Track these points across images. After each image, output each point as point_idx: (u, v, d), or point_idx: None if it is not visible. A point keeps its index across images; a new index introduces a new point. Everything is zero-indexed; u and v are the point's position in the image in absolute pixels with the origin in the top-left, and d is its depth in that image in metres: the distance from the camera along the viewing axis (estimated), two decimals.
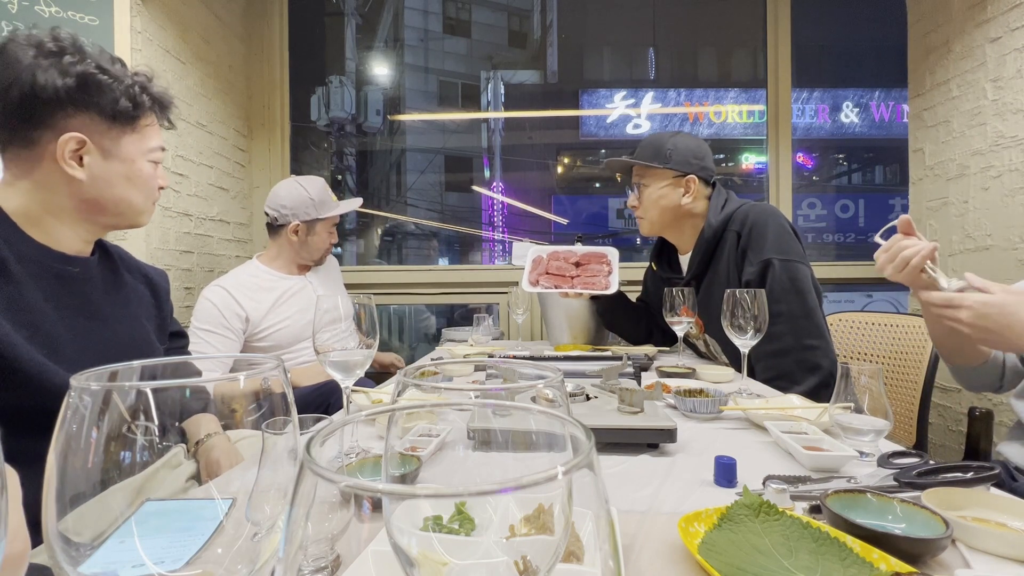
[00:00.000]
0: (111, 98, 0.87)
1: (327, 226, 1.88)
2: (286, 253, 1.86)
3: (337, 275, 2.11)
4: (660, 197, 1.55)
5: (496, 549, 0.24)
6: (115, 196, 0.92)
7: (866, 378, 0.76)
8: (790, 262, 1.34)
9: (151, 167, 0.95)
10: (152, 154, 0.95)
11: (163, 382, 0.26)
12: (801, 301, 1.32)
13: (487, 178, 3.72)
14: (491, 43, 4.93)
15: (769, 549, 0.46)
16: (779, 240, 1.37)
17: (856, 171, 4.08)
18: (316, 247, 1.87)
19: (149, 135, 0.95)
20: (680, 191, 1.54)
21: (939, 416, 2.15)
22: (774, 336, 1.27)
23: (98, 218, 0.93)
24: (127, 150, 0.91)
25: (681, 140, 1.56)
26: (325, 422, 0.47)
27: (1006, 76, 1.86)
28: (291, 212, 1.81)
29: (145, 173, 0.94)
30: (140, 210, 0.96)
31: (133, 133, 0.92)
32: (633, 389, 0.86)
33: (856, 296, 2.91)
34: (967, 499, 0.54)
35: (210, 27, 2.31)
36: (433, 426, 0.31)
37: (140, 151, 0.93)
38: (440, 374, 1.07)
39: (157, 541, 0.28)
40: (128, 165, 0.92)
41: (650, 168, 1.55)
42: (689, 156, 1.54)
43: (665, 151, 1.54)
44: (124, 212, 0.94)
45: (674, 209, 1.55)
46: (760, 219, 1.41)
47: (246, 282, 1.77)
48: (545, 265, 1.78)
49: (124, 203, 0.93)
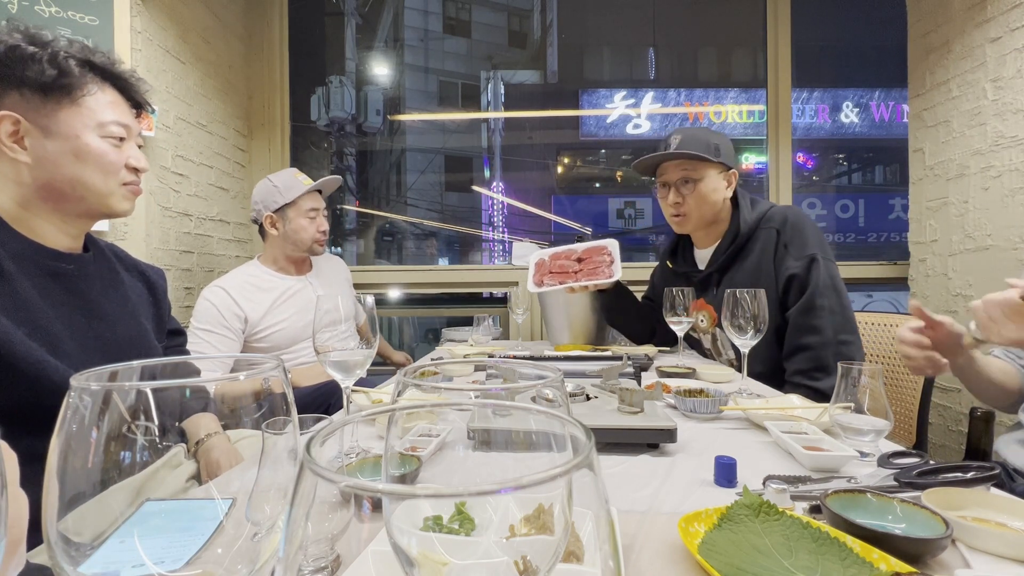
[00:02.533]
0: (37, 69, 0.81)
1: (300, 212, 1.82)
2: (276, 250, 1.86)
3: (342, 276, 2.10)
4: (714, 190, 1.55)
5: (496, 549, 0.24)
6: (66, 177, 0.86)
7: (866, 378, 0.76)
8: (829, 261, 1.41)
9: (106, 144, 0.89)
10: (104, 128, 0.88)
11: (163, 382, 0.26)
12: (839, 298, 1.38)
13: (487, 178, 3.72)
14: (491, 43, 4.93)
15: (769, 549, 0.46)
16: (819, 239, 1.44)
17: (856, 171, 4.08)
18: (297, 236, 1.82)
19: (95, 107, 0.87)
20: (724, 184, 1.56)
21: (939, 416, 2.15)
22: (816, 329, 1.35)
23: (64, 206, 0.88)
24: (67, 125, 0.85)
25: (720, 135, 1.58)
26: (325, 422, 0.47)
27: (1006, 76, 1.86)
28: (262, 205, 1.82)
29: (95, 149, 0.87)
30: (102, 192, 0.90)
31: (73, 106, 0.85)
32: (633, 389, 0.86)
33: (856, 296, 2.91)
34: (967, 499, 0.54)
35: (210, 27, 2.31)
36: (433, 426, 0.31)
37: (85, 125, 0.86)
38: (440, 374, 1.07)
39: (157, 541, 0.28)
40: (72, 141, 0.85)
41: (704, 161, 1.53)
42: (730, 151, 1.57)
43: (713, 144, 1.54)
44: (84, 196, 0.88)
45: (719, 203, 1.57)
46: (799, 218, 1.48)
47: (245, 282, 1.77)
48: (548, 266, 1.79)
49: (80, 185, 0.87)
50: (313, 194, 1.86)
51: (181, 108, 2.08)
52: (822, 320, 1.35)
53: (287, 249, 1.85)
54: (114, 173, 0.90)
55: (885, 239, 3.69)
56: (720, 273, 1.59)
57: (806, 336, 1.36)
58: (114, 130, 0.90)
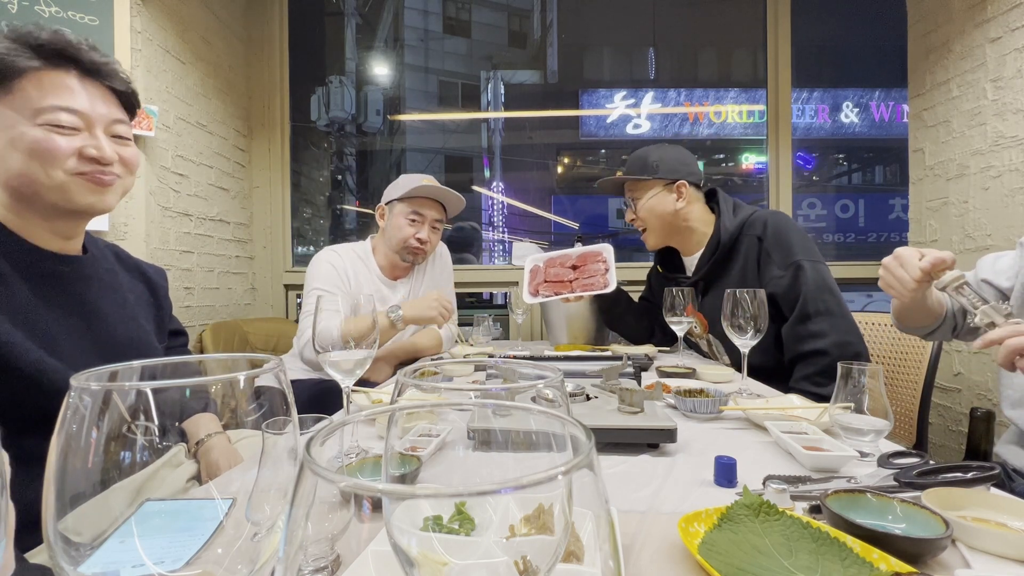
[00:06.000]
0: None
1: (404, 211, 1.74)
2: (380, 242, 1.82)
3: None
4: (654, 205, 1.61)
5: (496, 549, 0.24)
6: (13, 172, 0.80)
7: (866, 378, 0.76)
8: (817, 263, 1.39)
9: (44, 131, 0.80)
10: (41, 115, 0.80)
11: (163, 382, 0.26)
12: (836, 299, 1.37)
13: (487, 178, 3.72)
14: (491, 43, 4.93)
15: (769, 549, 0.46)
16: (803, 243, 1.43)
17: (856, 171, 4.08)
18: (391, 233, 1.76)
19: (32, 94, 0.80)
20: (672, 197, 1.59)
21: (939, 416, 2.15)
22: (818, 334, 1.33)
23: (34, 204, 0.83)
24: (2, 116, 0.79)
25: (666, 151, 1.63)
26: (325, 422, 0.47)
27: (1006, 76, 1.86)
28: (384, 195, 1.83)
29: (28, 138, 0.79)
30: (50, 185, 0.81)
31: (7, 95, 0.79)
32: (633, 389, 0.86)
33: (856, 296, 2.91)
34: (967, 499, 0.54)
35: (210, 27, 2.31)
36: (433, 426, 0.31)
37: (22, 114, 0.79)
38: (440, 374, 1.07)
39: (157, 541, 0.28)
40: (8, 132, 0.79)
41: (640, 181, 1.62)
42: (675, 164, 1.61)
43: (651, 163, 1.61)
44: (38, 190, 0.81)
45: (671, 215, 1.60)
46: (781, 223, 1.47)
47: (353, 253, 1.78)
48: (543, 273, 1.79)
49: (25, 179, 0.81)
50: (426, 200, 1.76)
51: (181, 108, 2.08)
52: (820, 324, 1.34)
53: (385, 244, 1.80)
54: (55, 163, 0.81)
55: (885, 239, 3.69)
56: (707, 281, 1.60)
57: (807, 343, 1.34)
58: (58, 117, 0.80)
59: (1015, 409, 1.06)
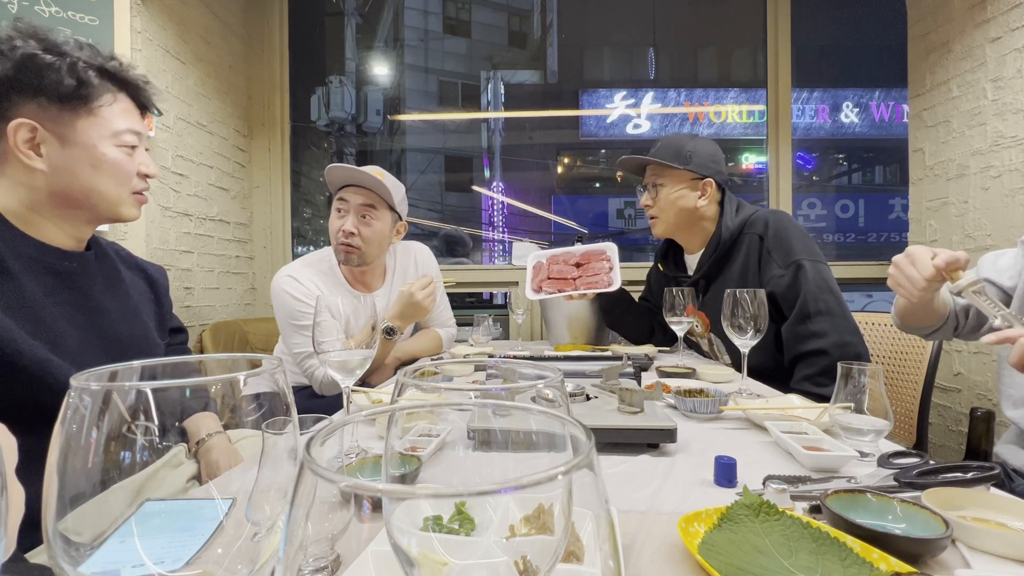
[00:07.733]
0: (54, 79, 0.82)
1: (334, 204, 1.59)
2: None
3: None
4: (678, 198, 1.57)
5: (496, 549, 0.24)
6: (82, 186, 0.87)
7: (866, 378, 0.76)
8: (818, 263, 1.39)
9: (121, 153, 0.90)
10: (120, 138, 0.89)
11: (163, 382, 0.26)
12: (836, 299, 1.36)
13: (487, 178, 3.72)
14: (491, 43, 4.94)
15: (769, 549, 0.46)
16: (804, 242, 1.42)
17: (856, 171, 4.08)
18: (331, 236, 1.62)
19: (110, 116, 0.88)
20: (696, 194, 1.56)
21: (939, 416, 2.15)
22: (819, 334, 1.33)
23: (74, 212, 0.89)
24: (85, 135, 0.86)
25: (701, 143, 1.58)
26: (325, 422, 0.47)
27: (1006, 76, 1.86)
28: None
29: (111, 159, 0.88)
30: (115, 200, 0.91)
31: (89, 116, 0.86)
32: (633, 389, 0.86)
33: (856, 296, 2.91)
34: (967, 499, 0.54)
35: (210, 27, 2.31)
36: (433, 426, 0.31)
37: (101, 135, 0.87)
38: (440, 374, 1.07)
39: (157, 541, 0.28)
40: (89, 151, 0.86)
41: (670, 168, 1.56)
42: (708, 160, 1.56)
43: (685, 152, 1.55)
44: (97, 204, 0.89)
45: (690, 211, 1.57)
46: (782, 223, 1.46)
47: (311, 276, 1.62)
48: (546, 270, 1.78)
49: (94, 193, 0.88)
50: (347, 187, 1.57)
51: (181, 108, 2.08)
52: (821, 324, 1.33)
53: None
54: (127, 182, 0.91)
55: (885, 239, 3.69)
56: (708, 280, 1.59)
57: (807, 343, 1.34)
58: (128, 139, 0.90)
59: (1016, 409, 1.06)
